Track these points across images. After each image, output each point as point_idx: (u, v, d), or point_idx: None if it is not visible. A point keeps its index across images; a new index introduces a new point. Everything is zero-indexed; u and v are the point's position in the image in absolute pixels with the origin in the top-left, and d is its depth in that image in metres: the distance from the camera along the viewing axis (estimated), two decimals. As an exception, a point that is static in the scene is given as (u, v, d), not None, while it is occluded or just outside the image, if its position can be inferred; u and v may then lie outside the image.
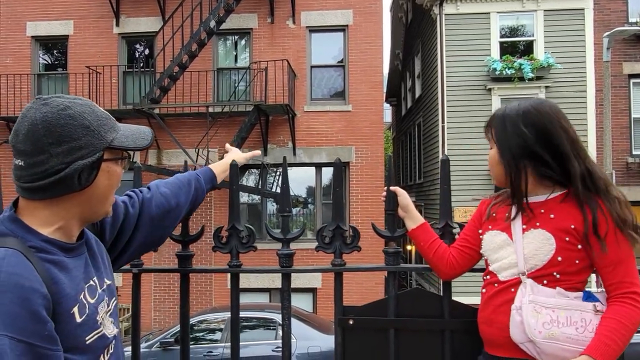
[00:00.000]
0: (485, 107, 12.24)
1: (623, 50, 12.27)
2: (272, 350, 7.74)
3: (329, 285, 11.84)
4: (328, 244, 1.74)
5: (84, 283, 1.14)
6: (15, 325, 0.95)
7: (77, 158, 1.10)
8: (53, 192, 1.11)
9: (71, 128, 1.10)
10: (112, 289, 1.27)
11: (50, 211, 1.12)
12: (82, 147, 1.11)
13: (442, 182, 1.72)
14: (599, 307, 1.41)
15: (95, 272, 1.22)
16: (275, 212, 13.22)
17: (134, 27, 12.98)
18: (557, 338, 1.38)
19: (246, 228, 1.80)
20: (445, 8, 12.50)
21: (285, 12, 12.63)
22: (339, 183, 1.77)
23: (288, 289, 1.76)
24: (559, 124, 1.48)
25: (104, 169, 1.16)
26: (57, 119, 1.10)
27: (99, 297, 1.18)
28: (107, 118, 1.19)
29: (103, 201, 1.19)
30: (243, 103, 11.91)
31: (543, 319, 1.39)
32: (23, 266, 1.00)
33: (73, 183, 1.10)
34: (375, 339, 1.71)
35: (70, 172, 1.09)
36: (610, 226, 1.40)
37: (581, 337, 1.37)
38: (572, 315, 1.39)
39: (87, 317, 1.10)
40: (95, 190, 1.16)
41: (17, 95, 12.72)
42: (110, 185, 1.19)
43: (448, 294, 1.70)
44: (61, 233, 1.14)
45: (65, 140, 1.09)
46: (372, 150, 12.36)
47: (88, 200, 1.16)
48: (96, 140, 1.13)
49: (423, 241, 1.71)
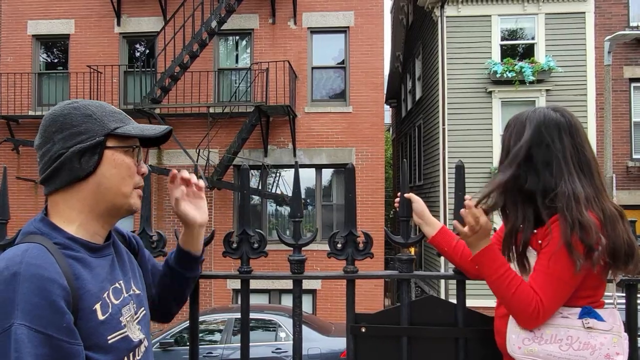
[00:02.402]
0: (486, 110, 12.25)
1: (624, 54, 12.29)
2: (271, 352, 7.73)
3: (328, 287, 11.83)
4: (340, 250, 1.72)
5: (108, 283, 1.15)
6: (33, 314, 0.95)
7: (77, 142, 1.13)
8: (62, 180, 1.14)
9: (73, 117, 1.15)
10: (141, 298, 1.28)
11: (67, 204, 1.15)
12: (81, 133, 1.14)
13: (457, 189, 1.70)
14: (589, 323, 1.36)
15: (122, 276, 1.23)
16: (275, 212, 13.22)
17: (135, 26, 12.97)
18: (537, 354, 1.36)
19: (257, 233, 1.78)
20: (447, 10, 12.50)
21: (287, 13, 12.63)
22: (351, 188, 1.75)
23: (300, 295, 1.74)
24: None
25: (109, 156, 1.17)
26: (62, 110, 1.16)
27: (124, 300, 1.18)
28: (116, 113, 1.21)
29: (115, 191, 1.18)
30: (244, 104, 11.90)
31: (525, 334, 1.38)
32: (43, 258, 1.01)
33: (74, 167, 1.13)
34: (387, 346, 1.69)
35: (69, 155, 1.12)
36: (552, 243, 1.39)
37: (564, 355, 1.34)
38: (558, 332, 1.36)
39: (110, 316, 1.11)
40: (101, 178, 1.16)
41: (17, 94, 12.70)
42: (119, 174, 1.18)
43: (462, 302, 1.68)
44: (84, 231, 1.16)
45: (66, 128, 1.14)
46: (372, 152, 12.35)
47: (97, 189, 1.16)
48: (97, 127, 1.16)
49: (446, 246, 1.70)
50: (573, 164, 1.43)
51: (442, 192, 12.06)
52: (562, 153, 1.44)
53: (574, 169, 1.43)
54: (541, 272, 1.38)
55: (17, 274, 0.97)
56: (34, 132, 12.58)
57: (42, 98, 13.09)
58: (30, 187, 12.66)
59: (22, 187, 12.53)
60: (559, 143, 1.45)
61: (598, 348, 1.34)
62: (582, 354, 1.33)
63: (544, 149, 1.45)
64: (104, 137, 1.15)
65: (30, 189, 12.65)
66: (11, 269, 0.98)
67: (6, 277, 0.97)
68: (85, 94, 12.33)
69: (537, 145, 1.46)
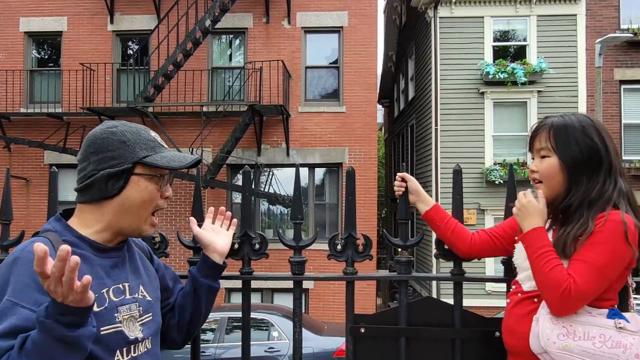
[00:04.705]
0: (478, 111, 12.33)
1: (614, 56, 12.41)
2: (264, 351, 7.74)
3: (320, 286, 11.86)
4: (340, 252, 1.76)
5: (111, 281, 1.26)
6: (18, 290, 1.10)
7: (108, 167, 1.27)
8: (91, 195, 1.28)
9: (109, 141, 1.28)
10: (151, 305, 1.36)
11: (91, 215, 1.29)
12: (114, 158, 1.27)
13: (455, 192, 1.74)
14: (621, 324, 1.41)
15: (133, 279, 1.33)
16: (267, 212, 13.23)
17: (128, 24, 12.92)
18: (572, 350, 1.39)
19: (258, 235, 1.81)
20: (440, 11, 12.56)
21: (281, 13, 12.63)
22: (350, 191, 1.79)
23: (300, 296, 1.77)
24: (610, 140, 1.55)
25: (134, 181, 1.29)
26: (101, 133, 1.30)
27: (124, 300, 1.27)
28: (150, 140, 1.32)
29: (134, 213, 1.30)
30: (237, 103, 11.91)
31: (559, 330, 1.41)
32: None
33: (102, 188, 1.26)
34: (386, 347, 1.72)
35: (99, 177, 1.26)
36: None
37: (598, 352, 1.38)
38: (590, 330, 1.40)
39: (105, 310, 1.21)
40: (124, 200, 1.28)
41: (9, 91, 12.62)
42: (141, 199, 1.29)
43: (459, 303, 1.72)
44: (97, 236, 1.29)
45: (101, 151, 1.28)
46: (365, 151, 12.40)
47: (119, 208, 1.28)
48: (128, 154, 1.28)
49: (439, 221, 1.75)
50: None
51: (435, 191, 12.12)
52: (614, 153, 1.53)
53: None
54: (578, 260, 1.42)
55: (18, 258, 1.15)
56: (26, 130, 12.54)
57: (34, 95, 13.01)
58: (22, 185, 12.60)
59: (13, 185, 12.43)
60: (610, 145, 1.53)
61: (629, 347, 1.38)
62: (615, 352, 1.38)
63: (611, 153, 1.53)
64: (132, 164, 1.28)
65: (22, 187, 12.58)
66: (14, 255, 1.17)
67: (9, 261, 1.16)
68: (77, 91, 12.27)
69: (606, 150, 1.52)
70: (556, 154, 1.53)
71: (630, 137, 12.45)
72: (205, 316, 1.57)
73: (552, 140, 1.53)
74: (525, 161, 12.06)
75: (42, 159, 12.71)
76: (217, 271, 1.57)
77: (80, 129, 11.82)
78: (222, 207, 1.71)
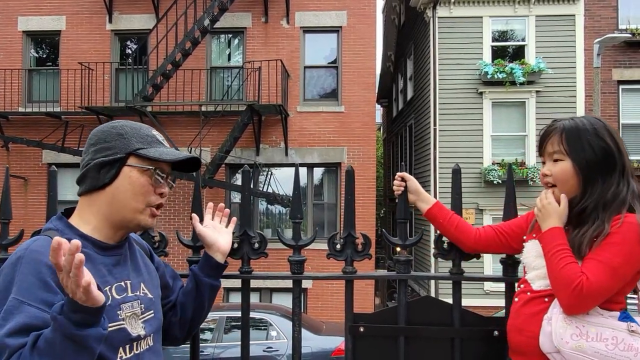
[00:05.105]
0: (477, 111, 12.34)
1: (613, 56, 12.43)
2: (262, 351, 7.73)
3: (318, 285, 11.86)
4: (340, 251, 1.76)
5: (113, 279, 1.28)
6: (24, 289, 1.11)
7: (102, 156, 1.29)
8: (85, 186, 1.31)
9: (107, 134, 1.32)
10: (152, 302, 1.38)
11: (88, 208, 1.31)
12: (108, 149, 1.30)
13: (454, 191, 1.75)
14: (633, 327, 1.40)
15: (135, 276, 1.35)
16: (265, 211, 13.23)
17: (127, 24, 12.90)
18: (585, 351, 1.39)
19: (258, 234, 1.81)
20: (439, 11, 12.57)
21: (280, 12, 12.63)
22: (350, 191, 1.79)
23: (299, 296, 1.77)
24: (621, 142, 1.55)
25: (126, 173, 1.30)
26: (103, 127, 1.34)
27: (127, 298, 1.29)
28: (149, 136, 1.33)
29: (126, 204, 1.30)
30: (236, 102, 11.90)
31: (572, 330, 1.41)
32: (45, 247, 1.15)
33: (94, 176, 1.29)
34: (385, 346, 1.73)
35: (92, 165, 1.29)
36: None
37: (611, 354, 1.37)
38: (603, 332, 1.40)
39: (109, 307, 1.19)
40: (115, 191, 1.30)
41: (7, 91, 12.60)
42: (132, 191, 1.29)
43: (458, 302, 1.72)
44: (98, 233, 1.30)
45: (99, 142, 1.31)
46: (363, 151, 12.40)
47: (111, 200, 1.30)
48: (122, 145, 1.30)
49: (442, 218, 1.75)
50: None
51: (433, 191, 12.13)
52: (626, 154, 1.53)
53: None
54: (593, 259, 1.42)
55: (21, 257, 1.16)
56: (24, 129, 12.52)
57: (32, 95, 12.98)
58: (21, 185, 12.58)
59: (12, 185, 12.40)
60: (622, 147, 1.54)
61: None
62: (627, 354, 1.38)
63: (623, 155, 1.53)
64: (125, 155, 1.29)
65: (20, 186, 12.56)
66: (18, 254, 1.17)
67: (13, 261, 1.17)
68: (76, 91, 12.27)
69: (619, 151, 1.52)
70: (570, 157, 1.52)
71: (629, 137, 12.46)
72: (207, 313, 1.60)
73: (564, 144, 1.52)
74: (523, 161, 12.07)
75: (41, 158, 12.69)
76: (220, 270, 1.60)
77: (79, 129, 11.80)
78: (221, 204, 1.74)
